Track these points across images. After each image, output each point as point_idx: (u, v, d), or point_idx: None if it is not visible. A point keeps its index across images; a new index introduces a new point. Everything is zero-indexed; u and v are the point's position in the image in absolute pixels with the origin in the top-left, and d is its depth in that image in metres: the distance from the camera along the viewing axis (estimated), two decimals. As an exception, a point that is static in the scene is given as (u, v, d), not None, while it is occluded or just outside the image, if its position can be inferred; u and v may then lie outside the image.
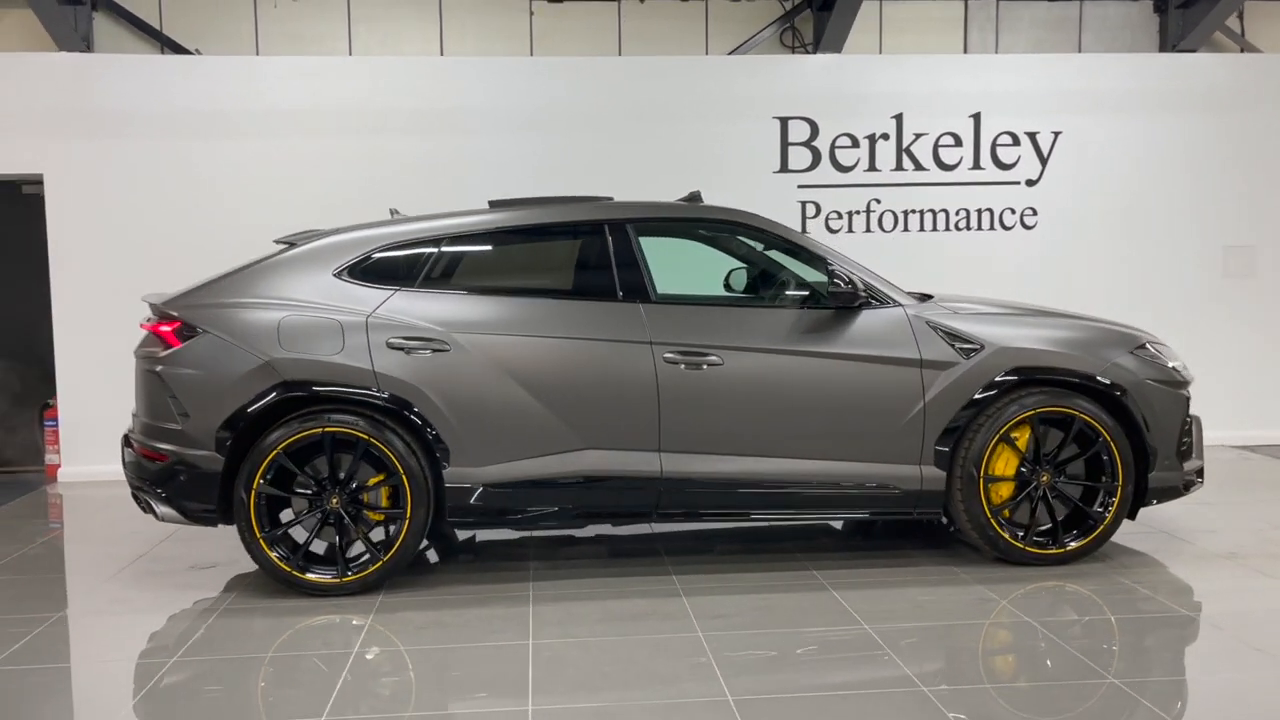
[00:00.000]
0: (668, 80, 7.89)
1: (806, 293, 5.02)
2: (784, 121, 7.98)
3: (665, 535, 5.70)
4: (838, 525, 5.90)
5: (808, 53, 8.25)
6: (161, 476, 4.73)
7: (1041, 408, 4.96)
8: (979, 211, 8.16)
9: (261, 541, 4.67)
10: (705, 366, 4.83)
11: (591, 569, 5.14)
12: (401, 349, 4.73)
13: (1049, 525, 5.02)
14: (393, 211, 5.63)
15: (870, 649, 3.97)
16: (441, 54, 8.13)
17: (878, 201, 8.10)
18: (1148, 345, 5.18)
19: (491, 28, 8.15)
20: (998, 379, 4.93)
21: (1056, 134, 8.17)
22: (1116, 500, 5.02)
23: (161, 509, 4.76)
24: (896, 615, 4.35)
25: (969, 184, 8.15)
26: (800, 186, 8.04)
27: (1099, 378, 4.99)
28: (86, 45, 7.62)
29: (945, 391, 4.92)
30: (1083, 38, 8.59)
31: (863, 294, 4.97)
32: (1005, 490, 5.03)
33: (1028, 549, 5.00)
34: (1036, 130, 8.17)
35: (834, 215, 8.07)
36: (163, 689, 3.74)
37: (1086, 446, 5.02)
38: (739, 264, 5.48)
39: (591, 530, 5.71)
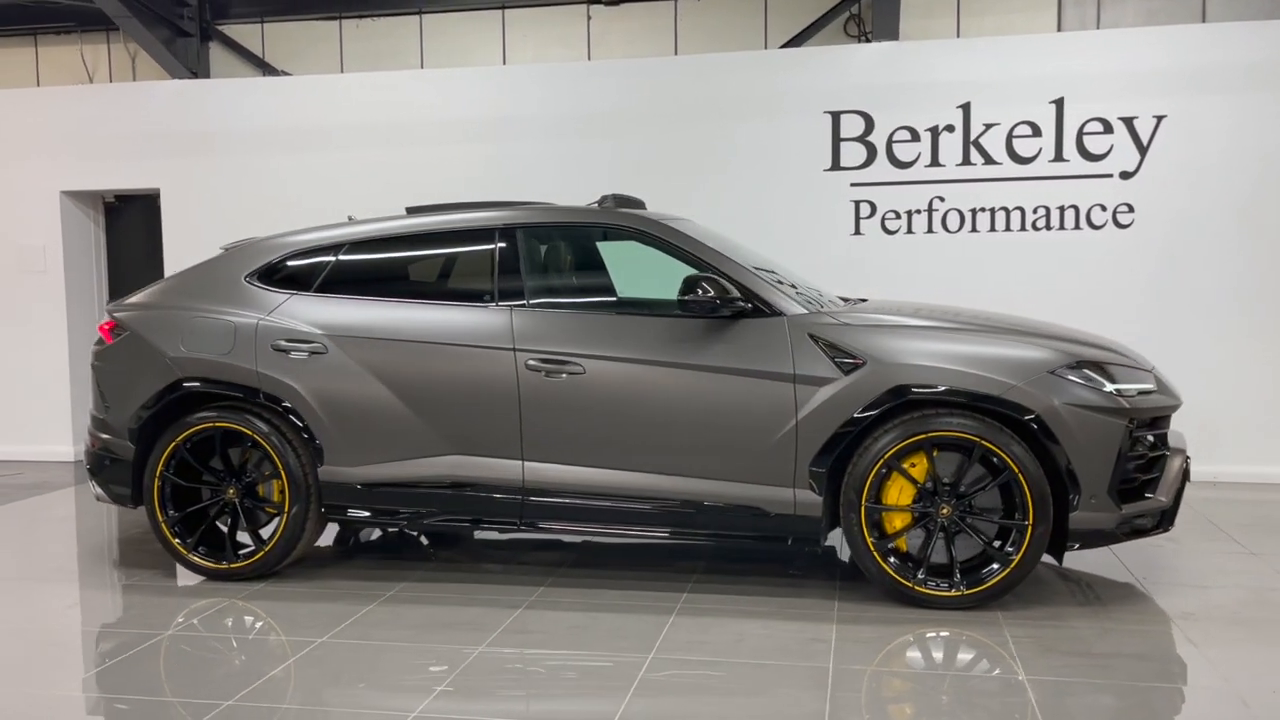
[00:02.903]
0: (714, 78, 7.65)
1: (673, 300, 4.75)
2: (835, 116, 7.51)
3: (596, 546, 5.58)
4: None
5: (870, 42, 7.72)
6: (96, 461, 5.26)
7: (933, 431, 4.42)
8: (1061, 209, 7.28)
9: (163, 525, 5.07)
10: (565, 375, 4.71)
11: (479, 574, 5.15)
12: (284, 351, 4.97)
13: (963, 562, 4.48)
14: (350, 218, 5.89)
15: (613, 680, 3.73)
16: (504, 63, 8.36)
17: (941, 200, 7.43)
18: (1084, 365, 4.45)
19: (551, 35, 8.28)
20: (880, 397, 4.44)
21: (1159, 118, 7.12)
22: (1025, 541, 4.38)
23: (96, 490, 5.29)
24: (700, 647, 4.05)
25: (1049, 178, 7.28)
26: (853, 185, 7.52)
27: (1001, 398, 4.36)
28: (194, 74, 8.52)
29: (820, 409, 4.49)
30: (1207, 9, 7.43)
31: (740, 302, 4.63)
32: (901, 522, 4.53)
33: (918, 589, 4.48)
34: (1134, 115, 7.16)
35: (891, 215, 7.49)
36: (-12, 650, 4.21)
37: (997, 477, 4.43)
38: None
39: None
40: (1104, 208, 7.22)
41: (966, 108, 7.34)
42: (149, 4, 8.12)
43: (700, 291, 4.58)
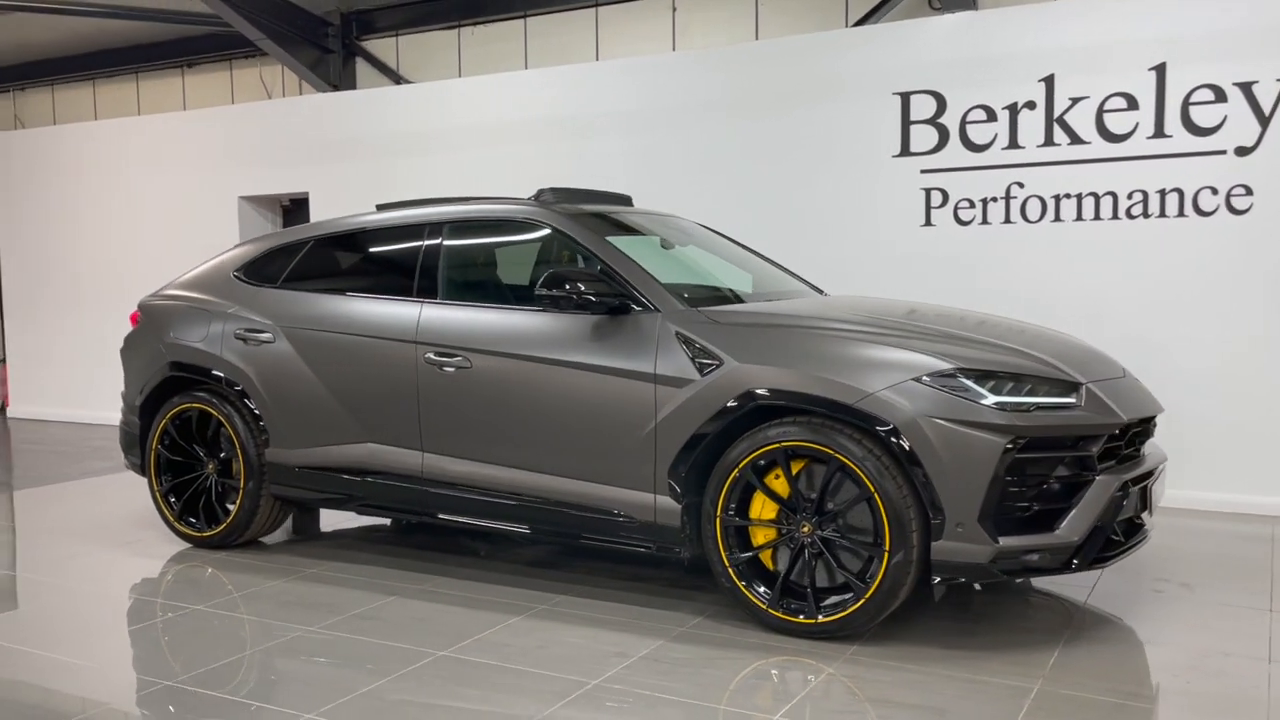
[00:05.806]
0: (779, 63, 7.28)
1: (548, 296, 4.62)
2: (905, 97, 6.91)
3: (578, 547, 5.55)
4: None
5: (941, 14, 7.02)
6: (122, 434, 5.97)
7: (786, 441, 4.04)
8: (1162, 193, 6.26)
9: (156, 493, 5.67)
10: (454, 369, 4.76)
11: (407, 560, 5.28)
12: (243, 340, 5.39)
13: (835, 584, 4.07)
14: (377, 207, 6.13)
15: (385, 668, 3.75)
16: (597, 59, 8.43)
17: (1020, 186, 6.62)
18: (964, 374, 3.88)
19: (640, 30, 8.25)
20: (732, 402, 4.12)
21: (1285, 82, 5.96)
22: (882, 568, 3.89)
23: (125, 459, 6.01)
24: (499, 650, 3.96)
25: (1148, 157, 6.29)
26: (924, 171, 6.89)
27: (853, 407, 3.90)
28: (335, 87, 9.31)
29: (677, 413, 4.24)
30: (1367, -59, 6.08)
31: (610, 298, 4.46)
32: (763, 538, 4.18)
33: (771, 612, 4.10)
34: (1253, 79, 6.01)
35: (964, 204, 6.79)
36: (-40, 590, 4.94)
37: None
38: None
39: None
40: (1215, 190, 6.14)
41: (1049, 81, 6.51)
42: (294, 28, 8.98)
43: (568, 286, 4.46)
